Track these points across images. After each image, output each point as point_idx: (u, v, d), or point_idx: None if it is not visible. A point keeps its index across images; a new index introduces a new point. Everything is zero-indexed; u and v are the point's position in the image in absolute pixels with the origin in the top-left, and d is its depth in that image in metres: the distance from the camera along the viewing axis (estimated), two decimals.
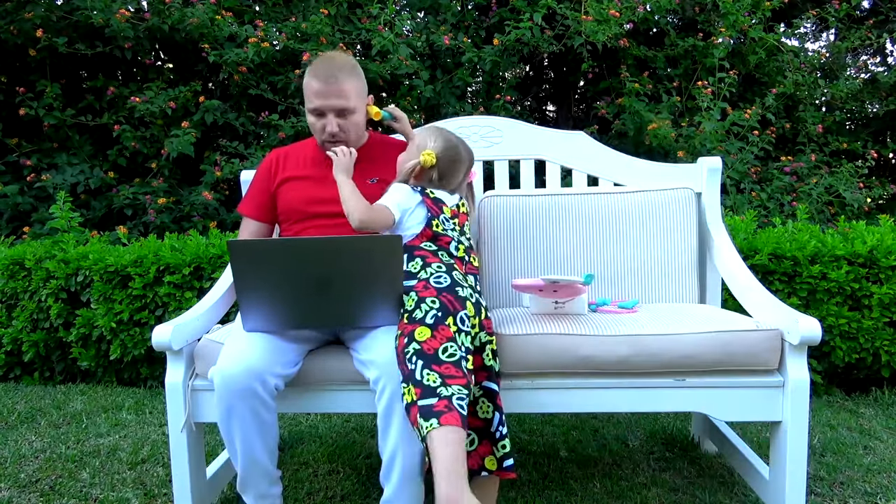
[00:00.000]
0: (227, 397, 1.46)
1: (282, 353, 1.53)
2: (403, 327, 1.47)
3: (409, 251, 1.61)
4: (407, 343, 1.42)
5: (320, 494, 1.86)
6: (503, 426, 1.49)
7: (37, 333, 2.99)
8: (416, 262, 1.58)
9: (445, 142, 1.70)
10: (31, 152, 4.26)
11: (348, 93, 1.74)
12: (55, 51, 4.10)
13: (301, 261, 1.41)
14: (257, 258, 1.41)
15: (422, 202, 1.63)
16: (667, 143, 3.96)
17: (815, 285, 2.54)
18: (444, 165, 1.68)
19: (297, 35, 4.15)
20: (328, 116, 1.75)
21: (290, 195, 1.84)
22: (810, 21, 4.87)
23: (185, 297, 2.76)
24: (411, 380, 1.38)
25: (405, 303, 1.51)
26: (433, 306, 1.46)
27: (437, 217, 1.63)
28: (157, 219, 3.87)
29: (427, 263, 1.56)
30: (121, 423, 2.46)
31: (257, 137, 4.35)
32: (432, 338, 1.42)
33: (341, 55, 1.80)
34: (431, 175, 1.68)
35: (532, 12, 4.20)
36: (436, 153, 1.67)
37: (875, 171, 4.83)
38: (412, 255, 1.59)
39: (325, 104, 1.74)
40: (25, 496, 1.88)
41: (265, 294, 1.47)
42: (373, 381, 1.49)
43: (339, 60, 1.77)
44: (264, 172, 1.91)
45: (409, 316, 1.47)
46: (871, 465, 1.99)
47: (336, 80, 1.72)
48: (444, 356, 1.39)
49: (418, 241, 1.62)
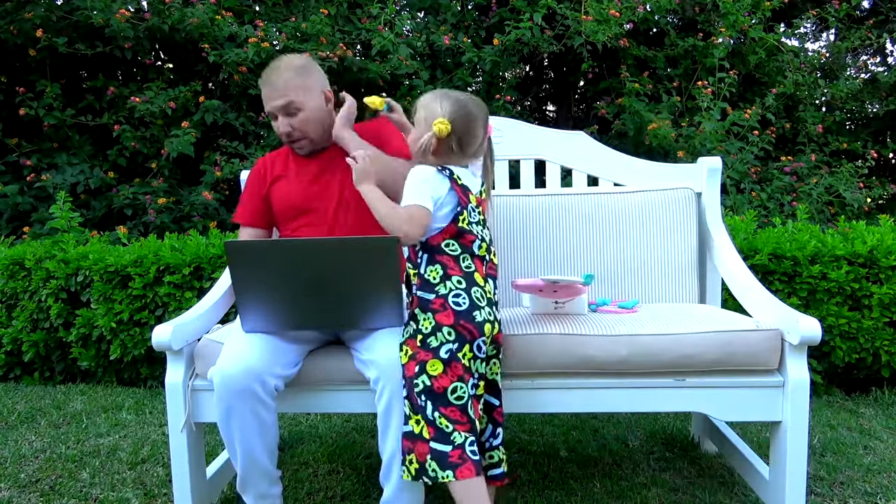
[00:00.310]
0: (227, 397, 1.46)
1: (281, 353, 1.53)
2: (416, 349, 1.43)
3: (429, 251, 1.50)
4: (418, 373, 1.41)
5: (320, 494, 1.86)
6: (495, 438, 1.51)
7: (37, 333, 2.98)
8: (436, 268, 1.48)
9: (454, 102, 1.50)
10: (31, 152, 4.26)
11: (288, 90, 1.72)
12: (55, 51, 4.10)
13: (297, 261, 1.42)
14: (254, 258, 1.42)
15: (451, 189, 1.48)
16: (667, 143, 3.96)
17: (815, 285, 2.54)
18: (460, 128, 1.49)
19: (297, 35, 4.15)
20: (279, 118, 1.75)
21: (283, 192, 1.84)
22: (810, 21, 4.87)
23: (185, 297, 2.76)
24: (422, 415, 1.39)
25: (420, 321, 1.45)
26: (449, 339, 1.42)
27: (464, 209, 1.49)
28: (157, 219, 3.87)
29: (448, 276, 1.46)
30: (121, 423, 2.46)
31: (257, 137, 4.35)
32: (444, 374, 1.40)
33: (289, 57, 1.78)
34: (451, 144, 1.50)
35: (532, 12, 4.20)
36: (448, 118, 1.48)
37: (875, 171, 4.83)
38: (433, 259, 1.49)
39: (270, 106, 1.74)
40: (25, 496, 1.88)
41: (263, 295, 1.47)
42: (373, 381, 1.49)
43: (284, 62, 1.76)
44: (255, 178, 1.90)
45: (424, 341, 1.43)
46: (871, 465, 1.99)
47: (274, 82, 1.72)
48: (453, 398, 1.40)
49: (440, 239, 1.49)
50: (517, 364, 1.58)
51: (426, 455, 1.37)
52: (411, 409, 1.41)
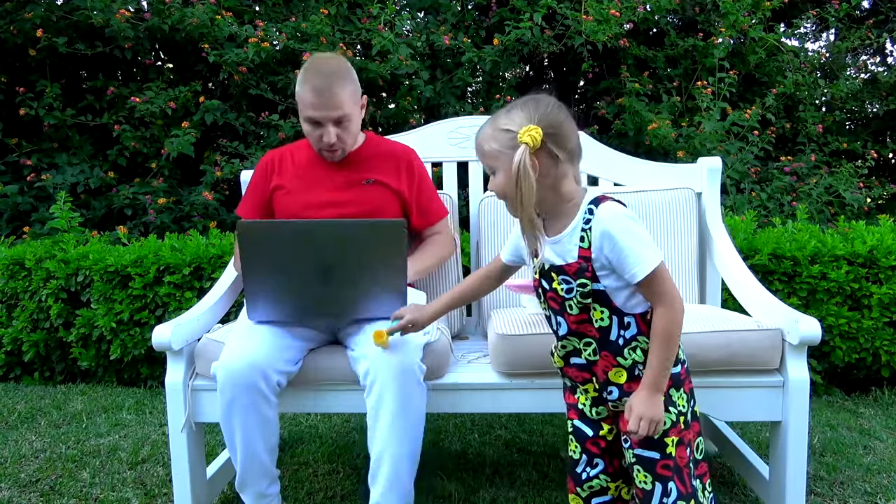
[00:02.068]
0: (230, 391, 1.46)
1: (284, 350, 1.53)
2: (681, 433, 1.23)
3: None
4: (689, 454, 1.25)
5: (320, 494, 1.86)
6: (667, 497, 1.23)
7: (37, 333, 2.98)
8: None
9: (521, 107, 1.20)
10: (31, 152, 4.25)
11: (344, 102, 1.70)
12: (55, 51, 4.09)
13: (307, 242, 1.43)
14: (265, 238, 1.42)
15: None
16: (667, 143, 3.96)
17: (815, 285, 2.54)
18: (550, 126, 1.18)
19: (297, 35, 4.15)
20: (326, 126, 1.71)
21: (284, 203, 1.83)
22: (810, 21, 4.87)
23: (185, 297, 2.76)
24: (694, 499, 1.24)
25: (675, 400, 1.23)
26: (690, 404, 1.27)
27: None
28: (157, 219, 3.86)
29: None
30: (121, 423, 2.46)
31: (257, 137, 4.34)
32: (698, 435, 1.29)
33: (333, 59, 1.75)
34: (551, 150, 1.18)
35: (532, 12, 4.19)
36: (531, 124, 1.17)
37: (875, 171, 4.82)
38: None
39: (321, 115, 1.70)
40: (25, 496, 1.88)
41: (272, 279, 1.48)
42: (362, 374, 1.49)
43: (332, 66, 1.71)
44: (261, 173, 1.90)
45: (686, 419, 1.25)
46: (870, 464, 1.99)
47: (331, 93, 1.67)
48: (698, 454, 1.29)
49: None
50: (517, 364, 1.58)
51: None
52: (683, 497, 1.23)
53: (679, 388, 1.24)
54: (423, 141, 2.19)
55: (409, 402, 1.46)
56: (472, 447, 2.20)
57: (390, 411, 1.44)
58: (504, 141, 1.19)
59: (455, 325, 2.05)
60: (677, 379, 1.24)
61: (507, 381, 1.60)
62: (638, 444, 1.23)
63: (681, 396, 1.24)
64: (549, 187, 1.21)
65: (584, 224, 1.20)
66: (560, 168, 1.20)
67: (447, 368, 1.65)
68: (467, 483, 1.91)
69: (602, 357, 1.25)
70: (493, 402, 1.61)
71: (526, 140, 1.15)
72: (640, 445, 1.23)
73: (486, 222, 2.09)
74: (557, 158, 1.19)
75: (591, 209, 1.20)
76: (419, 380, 1.49)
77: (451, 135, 2.23)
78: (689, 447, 1.24)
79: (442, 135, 2.23)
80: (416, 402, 1.48)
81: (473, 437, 2.29)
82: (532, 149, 1.16)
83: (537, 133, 1.15)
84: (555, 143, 1.18)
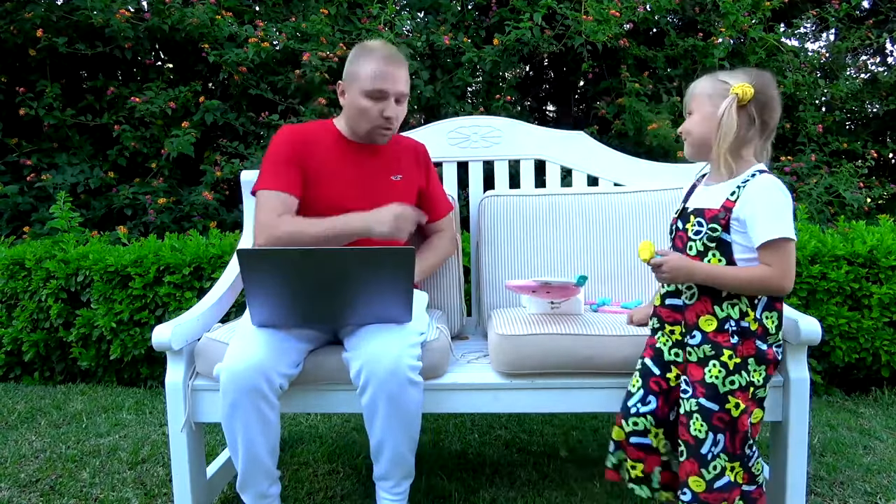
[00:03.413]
0: (233, 393, 1.46)
1: (286, 352, 1.54)
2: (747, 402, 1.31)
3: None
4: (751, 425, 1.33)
5: (320, 494, 1.86)
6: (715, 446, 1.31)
7: (37, 333, 2.98)
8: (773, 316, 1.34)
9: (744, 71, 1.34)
10: (31, 152, 4.26)
11: (406, 80, 1.74)
12: (55, 51, 4.09)
13: (312, 269, 1.41)
14: (267, 266, 1.40)
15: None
16: (667, 143, 3.96)
17: (815, 285, 2.54)
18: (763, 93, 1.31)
19: (297, 35, 4.15)
20: (389, 100, 1.71)
21: (324, 192, 1.75)
22: (810, 21, 4.87)
23: (185, 297, 2.76)
24: (743, 464, 1.31)
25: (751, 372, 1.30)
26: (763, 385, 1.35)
27: None
28: (157, 219, 3.87)
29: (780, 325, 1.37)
30: (121, 423, 2.46)
31: (257, 137, 4.35)
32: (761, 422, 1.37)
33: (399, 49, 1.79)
34: (751, 113, 1.31)
35: (532, 12, 4.19)
36: (752, 84, 1.30)
37: (875, 171, 4.82)
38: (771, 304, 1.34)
39: (389, 87, 1.69)
40: (25, 496, 1.88)
41: (274, 298, 1.47)
42: (354, 372, 1.49)
43: (391, 47, 1.75)
44: (287, 147, 1.74)
45: (755, 394, 1.33)
46: (870, 464, 1.99)
47: (398, 66, 1.71)
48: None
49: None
50: (517, 364, 1.58)
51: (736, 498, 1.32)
52: (731, 459, 1.30)
53: (760, 364, 1.31)
54: (423, 141, 2.17)
55: (400, 402, 1.47)
56: (471, 447, 2.20)
57: (384, 413, 1.47)
58: (717, 88, 1.33)
59: (455, 325, 2.05)
60: (762, 355, 1.31)
61: (507, 381, 1.60)
62: (703, 394, 1.30)
63: (758, 371, 1.31)
64: (733, 142, 1.31)
65: (741, 183, 1.32)
66: (750, 132, 1.32)
67: (447, 368, 1.65)
68: (467, 483, 1.91)
69: (700, 301, 1.34)
70: (493, 403, 1.61)
71: (737, 91, 1.29)
72: (704, 396, 1.30)
73: (485, 222, 2.09)
74: (753, 123, 1.31)
75: (754, 174, 1.32)
76: (410, 379, 1.48)
77: (451, 135, 2.23)
78: (750, 419, 1.31)
79: (442, 135, 2.23)
80: (408, 401, 1.49)
81: (473, 437, 2.29)
82: (739, 101, 1.29)
83: (749, 91, 1.28)
84: (758, 108, 1.31)
